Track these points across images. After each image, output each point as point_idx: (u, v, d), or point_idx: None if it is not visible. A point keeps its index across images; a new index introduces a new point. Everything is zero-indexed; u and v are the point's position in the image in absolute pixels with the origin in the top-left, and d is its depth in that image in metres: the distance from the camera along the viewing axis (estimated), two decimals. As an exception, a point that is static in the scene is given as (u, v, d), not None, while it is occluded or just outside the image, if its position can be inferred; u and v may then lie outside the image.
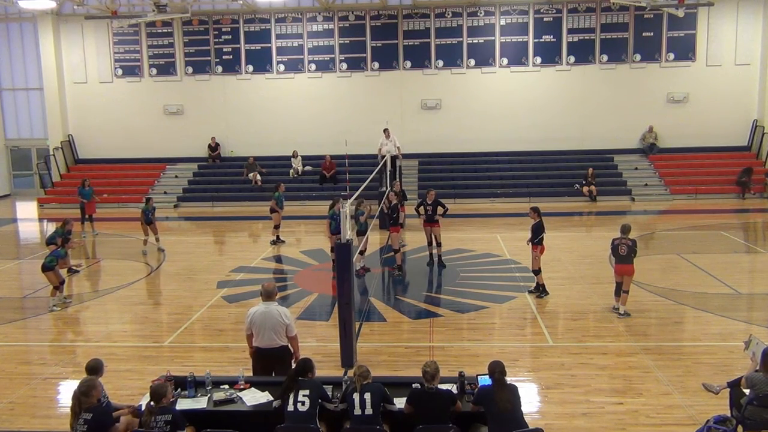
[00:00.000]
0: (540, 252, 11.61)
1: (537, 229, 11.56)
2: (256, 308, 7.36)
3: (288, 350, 7.36)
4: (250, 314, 7.34)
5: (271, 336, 7.23)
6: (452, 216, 20.39)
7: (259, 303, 7.43)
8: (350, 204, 9.18)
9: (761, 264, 14.50)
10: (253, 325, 7.28)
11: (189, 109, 25.50)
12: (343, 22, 24.67)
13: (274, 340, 7.24)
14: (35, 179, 27.08)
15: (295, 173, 24.28)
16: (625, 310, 10.62)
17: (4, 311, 11.81)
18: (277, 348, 7.27)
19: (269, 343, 7.24)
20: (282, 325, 7.24)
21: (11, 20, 25.90)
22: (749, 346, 6.99)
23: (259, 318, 7.25)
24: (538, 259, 11.66)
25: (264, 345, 7.26)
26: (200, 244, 18.06)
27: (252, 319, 7.28)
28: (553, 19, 24.06)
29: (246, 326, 7.36)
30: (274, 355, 7.26)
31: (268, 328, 7.21)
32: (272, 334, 7.22)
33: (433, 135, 24.56)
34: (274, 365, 7.27)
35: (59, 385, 8.61)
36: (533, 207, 11.90)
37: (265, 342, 7.25)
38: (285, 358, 7.31)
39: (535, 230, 11.57)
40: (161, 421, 5.70)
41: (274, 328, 7.21)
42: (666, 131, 24.20)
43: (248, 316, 7.34)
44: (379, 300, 12.06)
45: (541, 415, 7.39)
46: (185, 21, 24.56)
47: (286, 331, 7.28)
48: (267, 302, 7.35)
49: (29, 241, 19.86)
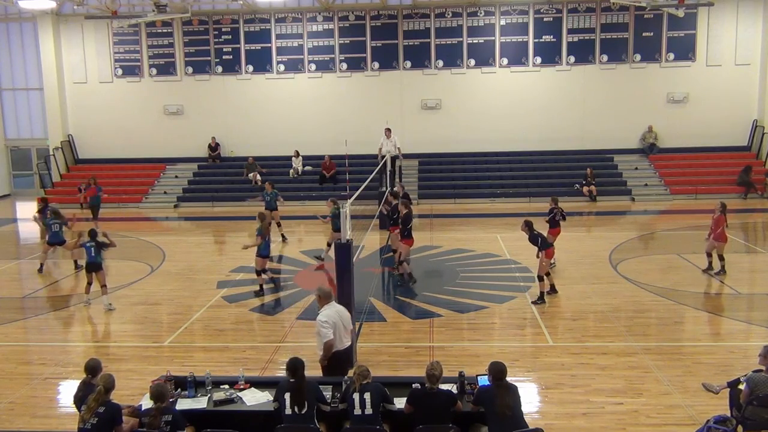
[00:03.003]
0: (548, 256, 11.54)
1: (533, 240, 11.54)
2: (329, 310, 7.14)
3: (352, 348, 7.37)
4: (328, 317, 7.07)
5: (348, 334, 7.21)
6: (452, 216, 20.45)
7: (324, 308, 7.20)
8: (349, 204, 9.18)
9: (761, 264, 14.50)
10: (336, 327, 7.10)
11: (189, 109, 25.50)
12: (343, 22, 24.67)
13: (349, 338, 7.25)
14: (35, 179, 27.06)
15: (295, 173, 24.29)
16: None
17: (4, 311, 11.81)
18: (349, 347, 7.27)
19: (346, 342, 7.21)
20: (349, 321, 7.26)
21: (11, 20, 25.89)
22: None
23: (337, 318, 7.16)
24: (545, 265, 11.50)
25: (344, 345, 7.19)
26: (200, 244, 18.05)
27: (336, 324, 7.09)
28: (553, 19, 24.06)
29: (329, 333, 7.01)
30: (348, 353, 7.24)
31: (346, 326, 7.19)
32: (347, 333, 7.22)
33: (433, 135, 24.55)
34: (346, 365, 7.21)
35: (59, 385, 8.61)
36: (525, 221, 11.64)
37: (345, 341, 7.20)
38: (352, 357, 7.36)
39: (534, 242, 11.55)
40: (162, 421, 5.70)
41: (348, 325, 7.22)
42: (666, 131, 24.20)
43: (328, 320, 7.04)
44: (379, 300, 12.06)
45: (541, 415, 7.39)
46: (185, 21, 24.56)
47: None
48: (331, 304, 7.27)
49: (29, 241, 19.84)
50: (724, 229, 12.81)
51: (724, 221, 12.86)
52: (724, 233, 12.81)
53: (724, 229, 12.80)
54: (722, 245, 12.87)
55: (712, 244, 12.95)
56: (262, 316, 11.27)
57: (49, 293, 13.12)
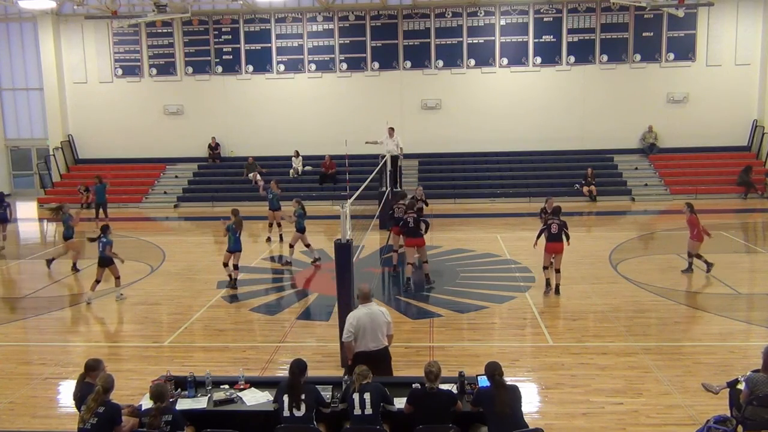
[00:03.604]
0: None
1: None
2: (360, 311, 7.22)
3: (389, 351, 7.32)
4: (354, 318, 7.15)
5: (378, 337, 7.16)
6: (452, 216, 20.44)
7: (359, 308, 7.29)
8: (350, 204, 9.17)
9: (761, 264, 14.50)
10: (360, 328, 7.11)
11: (189, 109, 25.51)
12: (343, 22, 24.68)
13: (380, 341, 7.19)
14: (35, 179, 27.09)
15: (295, 173, 24.29)
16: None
17: (4, 311, 11.81)
18: (382, 349, 7.21)
19: (377, 344, 7.17)
20: (386, 324, 7.21)
21: (11, 20, 25.90)
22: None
23: (366, 320, 7.13)
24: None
25: (371, 347, 7.15)
26: (200, 244, 18.04)
27: (359, 323, 7.12)
28: (553, 19, 24.06)
29: (350, 332, 7.12)
30: (379, 356, 7.17)
31: (376, 329, 7.14)
32: (378, 335, 7.17)
33: (433, 135, 24.55)
34: (378, 367, 7.12)
35: (59, 385, 8.61)
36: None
37: (372, 344, 7.16)
38: (387, 359, 7.28)
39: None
40: (162, 421, 5.70)
41: (380, 328, 7.17)
42: (666, 131, 24.21)
43: (352, 322, 7.13)
44: (379, 300, 12.05)
45: (541, 415, 7.39)
46: (185, 21, 24.57)
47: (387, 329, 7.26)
48: (367, 304, 7.28)
49: (29, 241, 19.86)
50: (700, 229, 12.87)
51: (697, 220, 12.92)
52: (701, 233, 12.88)
53: (700, 228, 12.86)
54: (698, 245, 12.96)
55: (692, 244, 13.01)
56: (262, 316, 11.27)
57: (49, 293, 13.11)
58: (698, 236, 12.87)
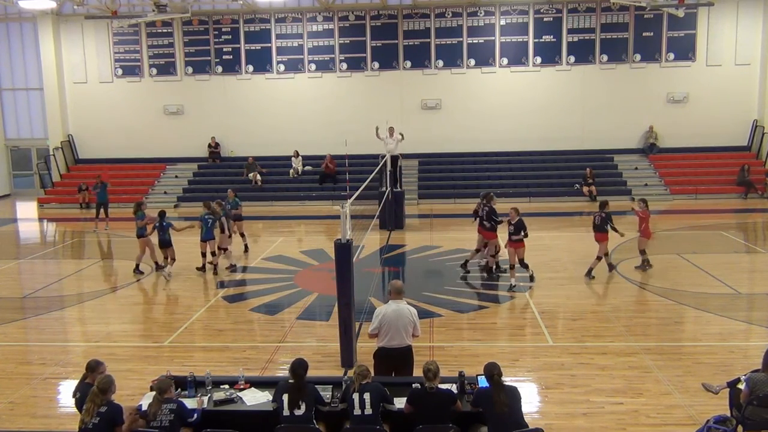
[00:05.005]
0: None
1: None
2: (387, 307, 7.20)
3: (412, 350, 7.28)
4: (380, 313, 7.16)
5: (402, 335, 7.13)
6: (452, 216, 20.42)
7: (388, 302, 7.29)
8: (350, 204, 9.17)
9: (761, 264, 14.49)
10: (384, 324, 7.10)
11: (189, 109, 25.51)
12: (343, 22, 24.67)
13: (404, 339, 7.15)
14: (35, 179, 27.08)
15: (295, 173, 24.29)
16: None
17: (4, 311, 11.80)
18: (405, 347, 7.17)
19: (399, 342, 7.14)
20: (411, 324, 7.17)
21: (11, 20, 25.89)
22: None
23: (392, 316, 7.11)
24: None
25: (393, 345, 7.12)
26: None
27: (384, 318, 7.11)
28: (553, 19, 24.06)
29: (375, 326, 7.16)
30: (401, 355, 7.15)
31: (400, 327, 7.11)
32: (403, 333, 7.13)
33: (433, 135, 24.54)
34: (399, 365, 7.15)
35: (59, 385, 8.60)
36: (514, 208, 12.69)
37: (395, 341, 7.12)
38: (410, 359, 7.23)
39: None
40: (166, 409, 5.80)
41: (405, 327, 7.14)
42: (666, 131, 24.20)
43: (378, 315, 7.15)
44: (379, 300, 12.04)
45: (541, 415, 7.39)
46: (185, 21, 24.55)
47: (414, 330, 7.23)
48: (397, 300, 7.26)
49: (29, 241, 19.86)
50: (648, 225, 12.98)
51: (648, 217, 13.04)
52: (648, 229, 13.00)
53: (648, 224, 12.96)
54: (646, 241, 13.07)
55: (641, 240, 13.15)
56: (262, 316, 11.27)
57: (49, 293, 13.11)
58: (646, 232, 13.02)
